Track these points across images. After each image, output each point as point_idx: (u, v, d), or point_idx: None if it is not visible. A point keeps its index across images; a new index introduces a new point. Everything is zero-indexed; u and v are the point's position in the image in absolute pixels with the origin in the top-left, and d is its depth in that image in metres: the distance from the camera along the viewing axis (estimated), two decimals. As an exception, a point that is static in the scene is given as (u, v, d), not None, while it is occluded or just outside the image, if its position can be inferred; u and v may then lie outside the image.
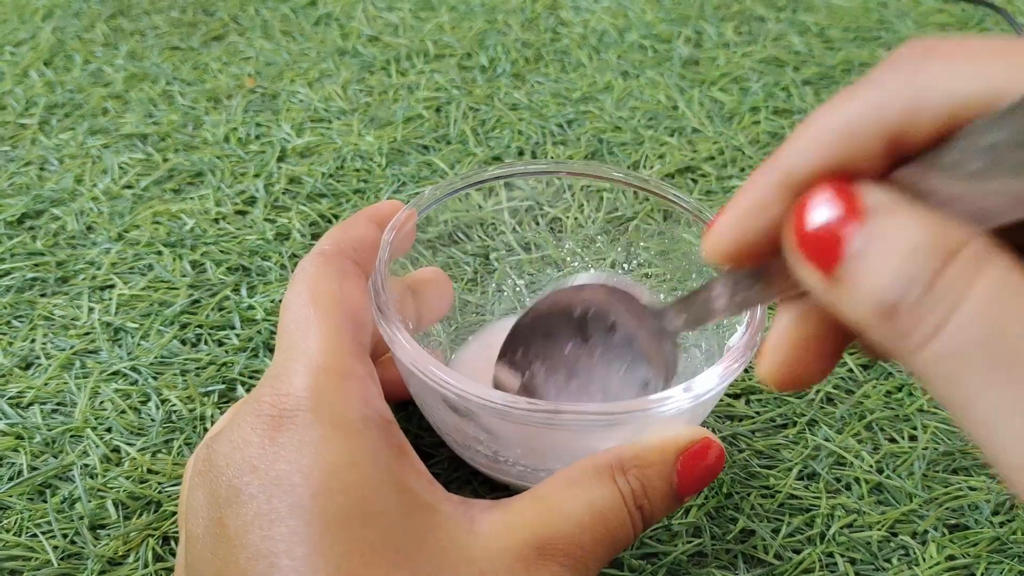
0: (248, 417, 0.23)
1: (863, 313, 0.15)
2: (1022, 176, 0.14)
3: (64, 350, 0.37)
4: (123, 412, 0.34)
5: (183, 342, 0.37)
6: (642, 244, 0.35)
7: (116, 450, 0.33)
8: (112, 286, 0.40)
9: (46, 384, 0.35)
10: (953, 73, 0.15)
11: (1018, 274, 0.14)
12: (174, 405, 0.34)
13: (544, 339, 0.29)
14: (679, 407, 0.24)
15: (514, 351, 0.29)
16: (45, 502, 0.31)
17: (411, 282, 0.31)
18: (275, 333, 0.38)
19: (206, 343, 0.37)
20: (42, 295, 0.39)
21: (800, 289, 0.17)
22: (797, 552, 0.31)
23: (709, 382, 0.24)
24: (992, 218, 0.15)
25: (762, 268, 0.19)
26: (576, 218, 0.36)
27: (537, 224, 0.35)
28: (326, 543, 0.20)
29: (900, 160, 0.16)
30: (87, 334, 0.38)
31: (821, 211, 0.15)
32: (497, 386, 0.29)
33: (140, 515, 0.31)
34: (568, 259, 0.36)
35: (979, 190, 0.14)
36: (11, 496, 0.31)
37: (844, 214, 0.15)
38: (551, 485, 0.23)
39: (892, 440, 0.35)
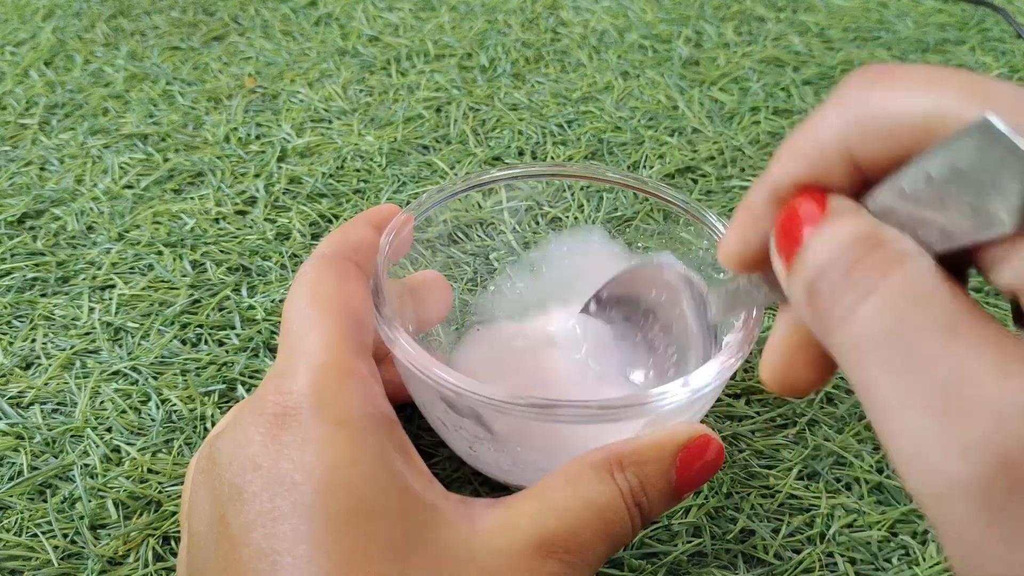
0: (251, 416, 0.23)
1: (796, 295, 0.16)
2: (950, 210, 0.15)
3: (64, 350, 0.37)
4: (123, 412, 0.34)
5: (183, 342, 0.37)
6: (642, 244, 0.35)
7: (116, 450, 0.33)
8: (112, 286, 0.40)
9: (46, 384, 0.35)
10: (897, 98, 0.16)
11: (934, 277, 0.15)
12: (174, 405, 0.35)
13: (619, 304, 0.30)
14: (677, 401, 0.24)
15: (597, 304, 0.31)
16: (45, 502, 0.31)
17: (410, 285, 0.31)
18: (276, 333, 0.38)
19: (206, 343, 0.37)
20: (42, 295, 0.39)
21: None
22: (797, 552, 0.31)
23: (706, 376, 0.25)
24: (928, 246, 0.15)
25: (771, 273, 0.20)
26: (576, 218, 0.36)
27: (537, 224, 0.35)
28: (328, 541, 0.20)
29: (872, 179, 0.17)
30: (87, 334, 0.38)
31: (794, 211, 0.17)
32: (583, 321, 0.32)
33: (140, 515, 0.31)
34: (568, 258, 0.36)
35: (916, 220, 0.16)
36: (11, 496, 0.31)
37: (811, 214, 0.17)
38: (550, 483, 0.23)
39: (892, 440, 0.34)
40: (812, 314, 0.16)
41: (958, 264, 0.16)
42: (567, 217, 0.36)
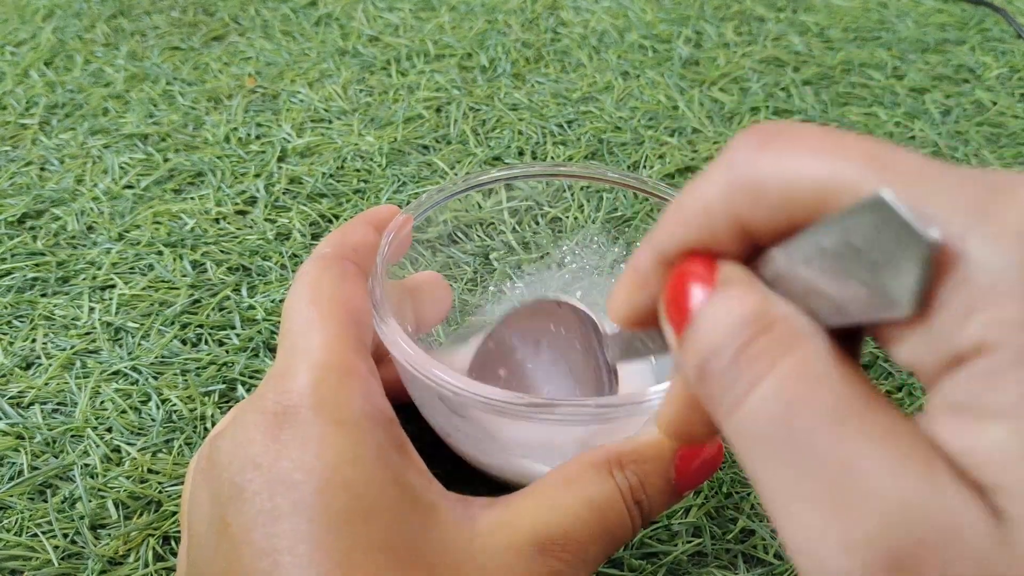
0: (251, 415, 0.23)
1: (689, 373, 0.16)
2: (845, 286, 0.14)
3: (65, 350, 0.37)
4: (123, 412, 0.34)
5: (183, 342, 0.37)
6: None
7: (116, 450, 0.33)
8: (113, 286, 0.40)
9: (47, 384, 0.35)
10: (788, 164, 0.15)
11: (825, 359, 0.14)
12: (174, 405, 0.35)
13: (510, 353, 0.29)
14: None
15: (484, 360, 0.30)
16: (46, 502, 0.31)
17: (409, 285, 0.31)
18: (275, 333, 0.38)
19: (207, 343, 0.37)
20: (43, 295, 0.40)
21: None
22: (797, 552, 0.31)
23: None
24: (820, 319, 0.15)
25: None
26: (576, 218, 0.36)
27: (537, 224, 0.35)
28: (329, 540, 0.20)
29: (764, 244, 0.16)
30: (88, 334, 0.38)
31: (682, 280, 0.16)
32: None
33: (140, 515, 0.31)
34: (568, 259, 0.36)
35: (809, 290, 0.15)
36: (12, 496, 0.31)
37: (699, 283, 0.16)
38: (549, 482, 0.23)
39: (892, 440, 0.34)
40: (704, 396, 0.15)
41: (854, 332, 0.15)
42: (567, 217, 0.36)
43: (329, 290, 0.26)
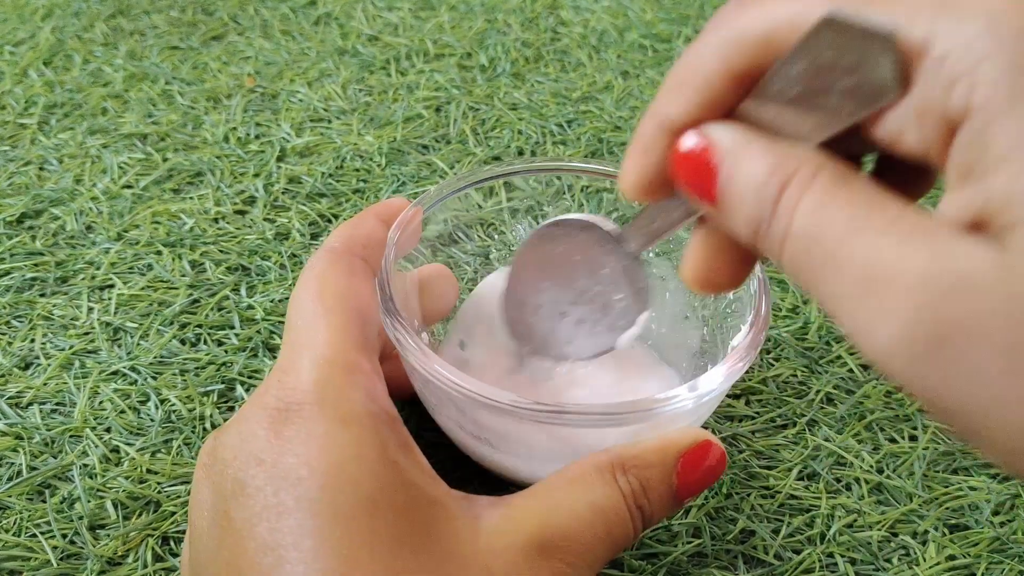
0: (254, 410, 0.23)
1: (741, 233, 0.18)
2: (822, 100, 0.17)
3: (63, 350, 0.37)
4: (122, 412, 0.34)
5: (182, 342, 0.37)
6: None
7: (115, 450, 0.33)
8: (111, 286, 0.40)
9: (45, 384, 0.35)
10: (761, 9, 0.18)
11: (835, 185, 0.16)
12: (173, 405, 0.34)
13: (535, 285, 0.29)
14: (684, 406, 0.24)
15: (514, 302, 0.30)
16: (44, 502, 0.31)
17: (417, 279, 0.31)
18: (275, 333, 0.38)
19: (205, 343, 0.37)
20: (41, 295, 0.39)
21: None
22: (797, 552, 0.31)
23: (713, 381, 0.24)
24: (814, 137, 0.17)
25: (674, 195, 0.21)
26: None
27: (537, 224, 0.35)
28: (333, 536, 0.20)
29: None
30: (86, 334, 0.38)
31: (690, 156, 0.19)
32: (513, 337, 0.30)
33: (139, 515, 0.31)
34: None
35: (799, 114, 0.17)
36: (10, 496, 0.31)
37: (707, 157, 0.18)
38: (553, 483, 0.23)
39: (892, 440, 0.34)
40: (759, 246, 0.18)
41: (853, 152, 0.18)
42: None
43: (336, 285, 0.26)
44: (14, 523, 0.30)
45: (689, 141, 0.19)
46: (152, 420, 0.34)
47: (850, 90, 0.16)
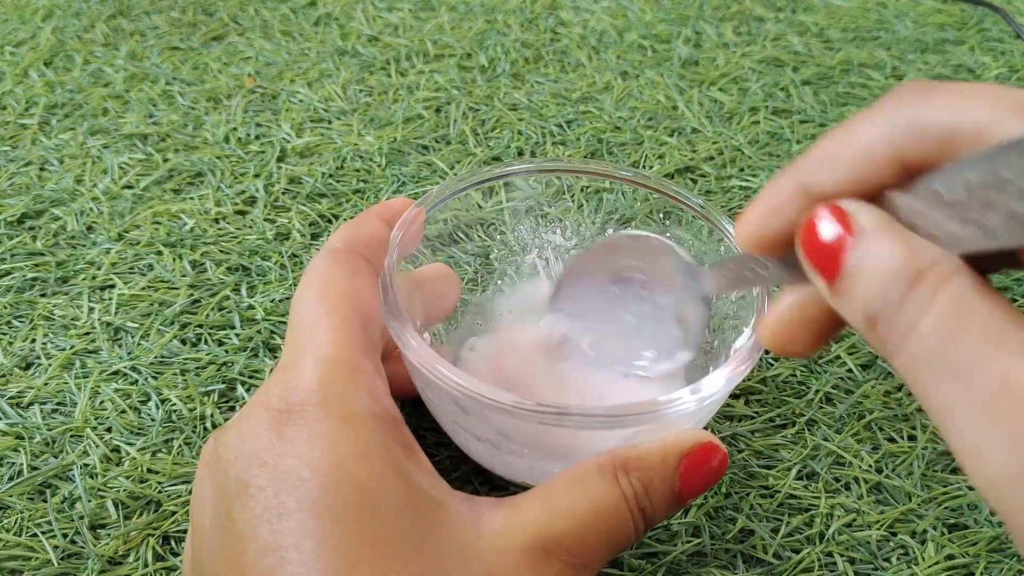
0: (256, 410, 0.23)
1: (855, 320, 0.18)
2: (985, 215, 0.16)
3: (64, 350, 0.37)
4: (123, 412, 0.34)
5: (183, 342, 0.37)
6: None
7: (116, 450, 0.33)
8: (112, 286, 0.40)
9: (46, 384, 0.35)
10: (951, 106, 0.17)
11: (973, 293, 0.16)
12: (174, 405, 0.35)
13: (590, 285, 0.30)
14: (686, 408, 0.24)
15: (564, 294, 0.30)
16: (45, 502, 0.31)
17: (419, 278, 0.31)
18: (275, 333, 0.38)
19: (206, 343, 0.37)
20: (42, 295, 0.39)
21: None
22: (796, 552, 0.31)
23: (716, 384, 0.25)
24: (962, 246, 0.17)
25: (786, 256, 0.21)
26: (576, 218, 0.36)
27: (537, 224, 0.35)
28: (335, 536, 0.20)
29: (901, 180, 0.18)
30: (87, 334, 0.38)
31: (825, 228, 0.18)
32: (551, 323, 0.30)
33: (140, 515, 0.31)
34: (568, 259, 0.36)
35: (953, 220, 0.17)
36: (11, 496, 0.31)
37: (842, 234, 0.18)
38: (555, 484, 0.24)
39: (891, 440, 0.35)
40: (873, 339, 0.18)
41: (984, 267, 0.17)
42: (567, 217, 0.36)
43: (339, 285, 0.26)
44: (15, 523, 0.30)
45: (827, 220, 0.18)
46: (153, 420, 0.34)
47: (1018, 216, 0.16)
